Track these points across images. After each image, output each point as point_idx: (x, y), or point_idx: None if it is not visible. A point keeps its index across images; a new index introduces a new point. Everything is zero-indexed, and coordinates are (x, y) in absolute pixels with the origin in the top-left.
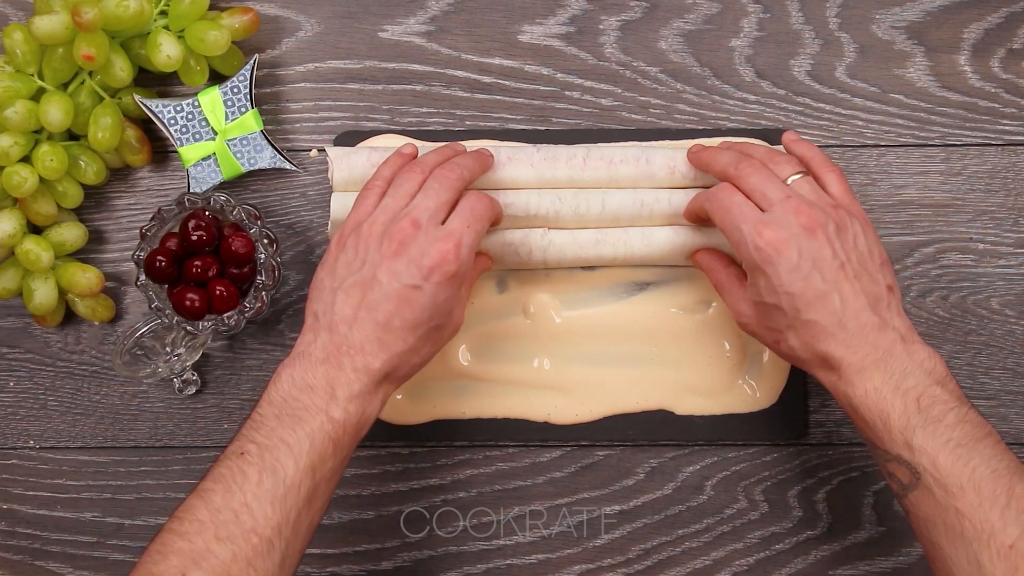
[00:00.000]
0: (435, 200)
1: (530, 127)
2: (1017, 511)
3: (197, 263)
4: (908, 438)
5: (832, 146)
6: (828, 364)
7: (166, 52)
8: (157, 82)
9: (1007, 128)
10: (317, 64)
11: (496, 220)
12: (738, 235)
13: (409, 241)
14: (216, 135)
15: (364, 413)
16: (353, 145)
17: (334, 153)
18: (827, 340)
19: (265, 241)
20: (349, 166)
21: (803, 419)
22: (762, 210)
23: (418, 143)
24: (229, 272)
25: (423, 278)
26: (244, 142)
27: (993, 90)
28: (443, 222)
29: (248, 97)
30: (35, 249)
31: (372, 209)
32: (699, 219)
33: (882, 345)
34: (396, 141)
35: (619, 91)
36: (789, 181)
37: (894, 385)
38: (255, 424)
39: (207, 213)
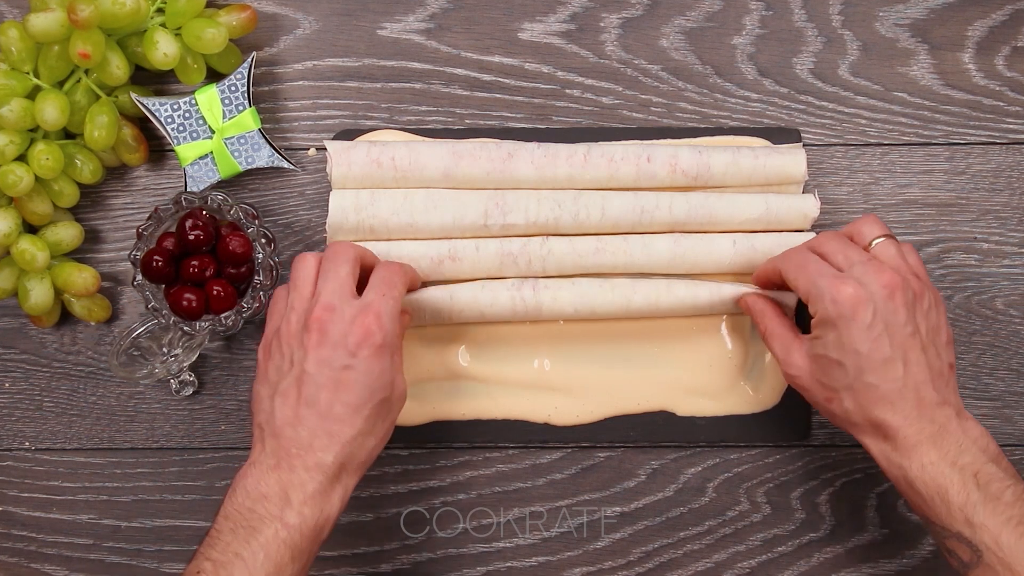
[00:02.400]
0: (336, 278)
1: (530, 125)
2: None
3: (194, 263)
4: (968, 515)
5: (835, 145)
6: (882, 432)
7: (163, 50)
8: (154, 80)
9: (1011, 127)
10: (315, 62)
11: (412, 285)
12: (815, 289)
13: (328, 326)
14: (213, 134)
15: (322, 513)
16: None
17: (333, 148)
18: (884, 407)
19: (263, 240)
20: (348, 161)
21: (806, 420)
22: (840, 270)
23: (416, 139)
24: (226, 272)
25: (352, 355)
26: (242, 141)
27: (997, 88)
28: (356, 296)
29: (246, 95)
30: (31, 249)
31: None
32: (770, 283)
33: (938, 420)
34: (395, 136)
35: (620, 89)
36: (873, 244)
37: (951, 461)
38: (211, 541)
39: (204, 212)
